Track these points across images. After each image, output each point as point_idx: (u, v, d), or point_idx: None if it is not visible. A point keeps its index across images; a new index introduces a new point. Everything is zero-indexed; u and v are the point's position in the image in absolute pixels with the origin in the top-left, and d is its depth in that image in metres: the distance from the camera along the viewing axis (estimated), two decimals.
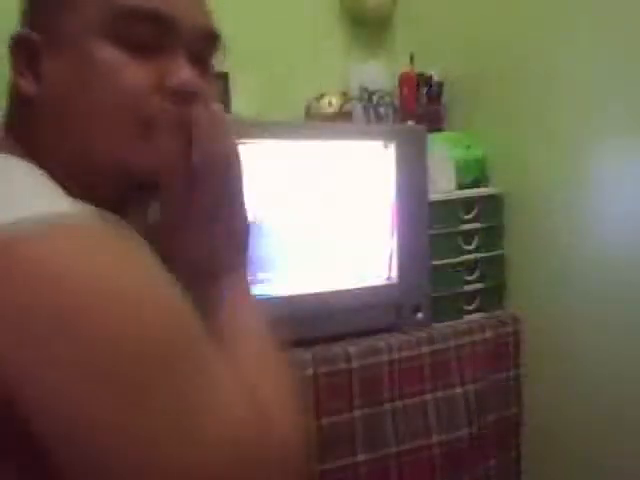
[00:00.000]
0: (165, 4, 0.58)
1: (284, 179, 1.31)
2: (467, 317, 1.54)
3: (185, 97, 0.59)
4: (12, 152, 0.56)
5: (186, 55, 0.60)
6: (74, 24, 0.58)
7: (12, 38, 0.60)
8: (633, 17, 1.33)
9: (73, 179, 0.55)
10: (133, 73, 0.57)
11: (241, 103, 1.64)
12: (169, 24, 0.58)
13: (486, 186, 1.60)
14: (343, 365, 1.32)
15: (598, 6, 1.39)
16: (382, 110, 1.63)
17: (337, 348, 1.33)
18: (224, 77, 1.61)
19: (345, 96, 1.68)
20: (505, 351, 1.55)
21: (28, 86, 0.59)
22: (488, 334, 1.51)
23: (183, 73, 0.59)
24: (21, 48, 0.59)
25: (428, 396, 1.43)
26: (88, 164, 0.58)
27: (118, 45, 0.57)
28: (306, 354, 1.29)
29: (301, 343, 1.31)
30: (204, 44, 0.63)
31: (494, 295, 1.58)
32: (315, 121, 1.64)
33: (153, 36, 0.58)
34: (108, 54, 0.57)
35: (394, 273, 1.43)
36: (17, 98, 0.60)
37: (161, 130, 0.58)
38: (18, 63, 0.59)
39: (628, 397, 1.39)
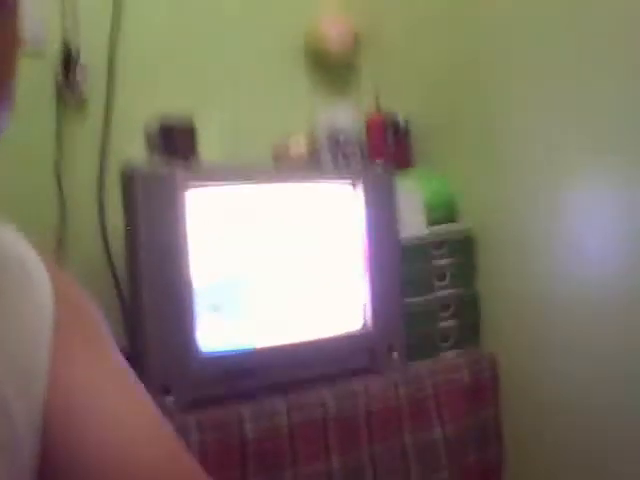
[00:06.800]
0: None
1: (252, 223, 1.30)
2: (443, 355, 1.52)
3: None
4: None
5: None
6: None
7: None
8: (599, 47, 1.34)
9: None
10: None
11: (208, 146, 1.63)
12: None
13: (456, 223, 1.60)
14: (319, 410, 1.29)
15: (567, 38, 1.40)
16: (349, 151, 1.63)
17: (313, 394, 1.31)
18: (189, 123, 1.62)
19: (312, 137, 1.68)
20: (483, 390, 1.53)
21: None
22: (465, 373, 1.49)
23: None
24: None
25: (407, 438, 1.40)
26: None
27: None
28: (281, 402, 1.26)
29: (276, 391, 1.29)
30: None
31: (469, 332, 1.57)
32: (282, 163, 1.64)
33: None
34: None
35: (368, 314, 1.40)
36: None
37: None
38: None
39: (609, 435, 1.37)
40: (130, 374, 0.52)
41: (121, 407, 0.49)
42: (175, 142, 1.60)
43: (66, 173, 1.51)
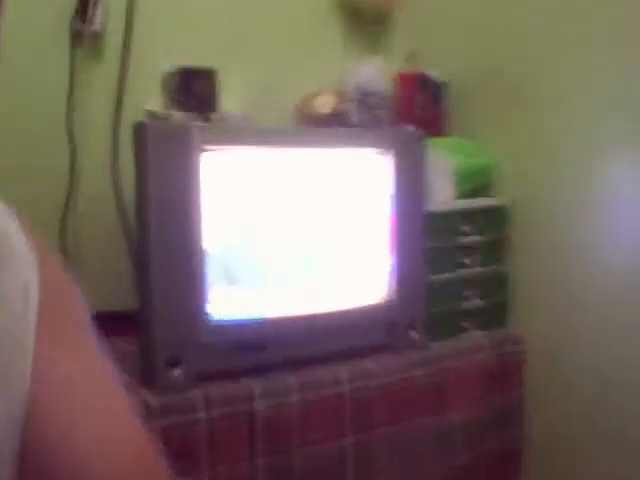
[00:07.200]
0: None
1: (272, 189, 1.21)
2: (466, 336, 1.44)
3: None
4: None
5: None
6: None
7: None
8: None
9: None
10: None
11: (229, 102, 1.54)
12: None
13: (489, 196, 1.51)
14: (333, 389, 1.23)
15: (610, 11, 1.29)
16: (379, 113, 1.53)
17: (327, 371, 1.24)
18: (211, 74, 1.52)
19: (340, 96, 1.57)
20: (506, 373, 1.46)
21: None
22: (488, 354, 1.42)
23: None
24: None
25: (424, 421, 1.34)
26: None
27: None
28: (293, 378, 1.20)
29: (288, 366, 1.22)
30: None
31: (495, 313, 1.49)
32: (307, 123, 1.54)
33: None
34: None
35: (389, 288, 1.33)
36: None
37: None
38: None
39: (634, 422, 1.30)
40: (110, 370, 0.50)
41: (99, 415, 0.47)
42: (195, 90, 1.51)
43: (78, 119, 1.42)
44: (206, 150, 1.11)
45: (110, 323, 1.43)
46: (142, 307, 1.14)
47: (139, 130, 1.09)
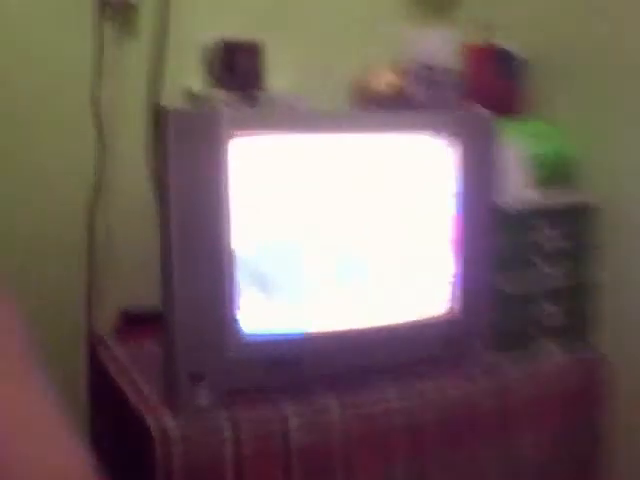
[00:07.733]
0: None
1: (314, 182, 1.06)
2: (542, 354, 1.28)
3: None
4: None
5: None
6: None
7: None
8: None
9: None
10: None
11: (277, 79, 1.44)
12: None
13: (574, 192, 1.33)
14: (380, 411, 1.09)
15: None
16: (446, 92, 1.36)
17: (373, 391, 1.11)
18: (257, 48, 1.40)
19: (400, 72, 1.42)
20: (590, 400, 1.29)
21: None
22: (568, 378, 1.27)
23: None
24: None
25: (487, 451, 1.19)
26: None
27: None
28: (334, 398, 1.07)
29: (328, 385, 1.09)
30: None
31: (578, 329, 1.32)
32: (364, 102, 1.40)
33: None
34: None
35: (451, 300, 1.17)
36: None
37: None
38: None
39: None
40: (49, 405, 0.49)
41: (35, 463, 0.45)
42: (238, 66, 1.42)
43: (106, 101, 1.33)
44: (236, 137, 0.98)
45: (145, 323, 1.33)
46: (164, 316, 1.02)
47: (159, 115, 0.97)
